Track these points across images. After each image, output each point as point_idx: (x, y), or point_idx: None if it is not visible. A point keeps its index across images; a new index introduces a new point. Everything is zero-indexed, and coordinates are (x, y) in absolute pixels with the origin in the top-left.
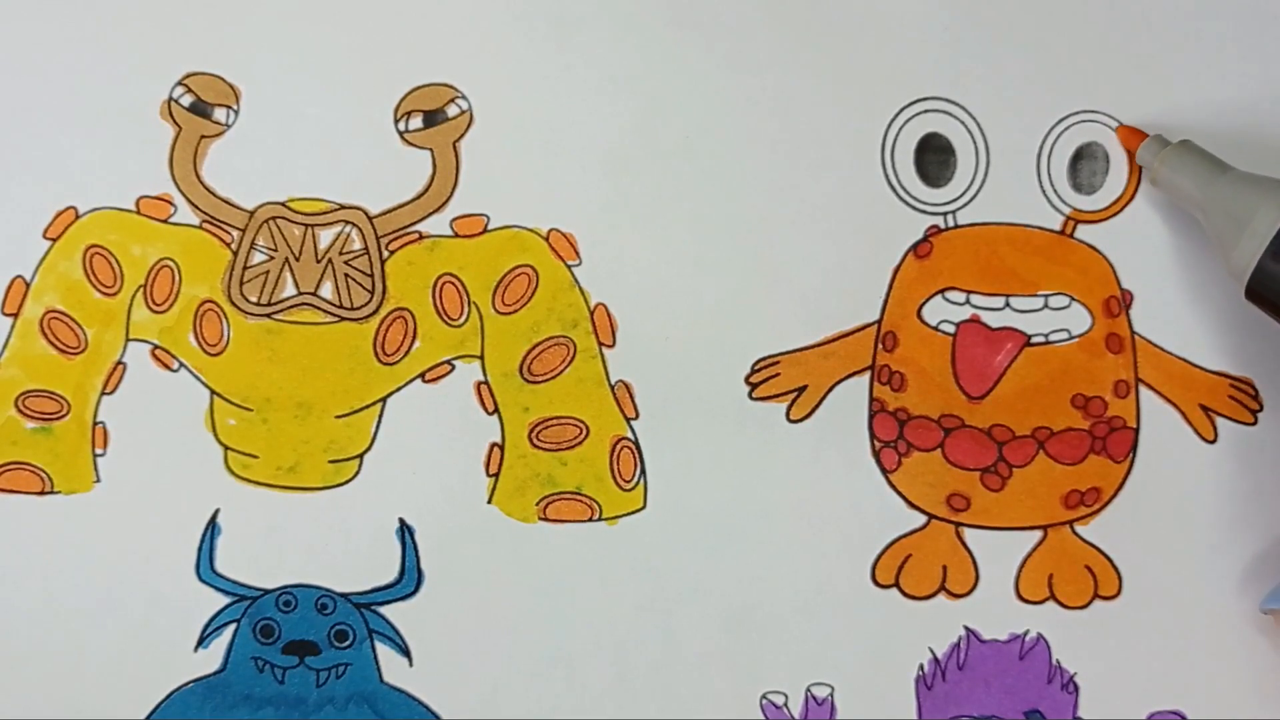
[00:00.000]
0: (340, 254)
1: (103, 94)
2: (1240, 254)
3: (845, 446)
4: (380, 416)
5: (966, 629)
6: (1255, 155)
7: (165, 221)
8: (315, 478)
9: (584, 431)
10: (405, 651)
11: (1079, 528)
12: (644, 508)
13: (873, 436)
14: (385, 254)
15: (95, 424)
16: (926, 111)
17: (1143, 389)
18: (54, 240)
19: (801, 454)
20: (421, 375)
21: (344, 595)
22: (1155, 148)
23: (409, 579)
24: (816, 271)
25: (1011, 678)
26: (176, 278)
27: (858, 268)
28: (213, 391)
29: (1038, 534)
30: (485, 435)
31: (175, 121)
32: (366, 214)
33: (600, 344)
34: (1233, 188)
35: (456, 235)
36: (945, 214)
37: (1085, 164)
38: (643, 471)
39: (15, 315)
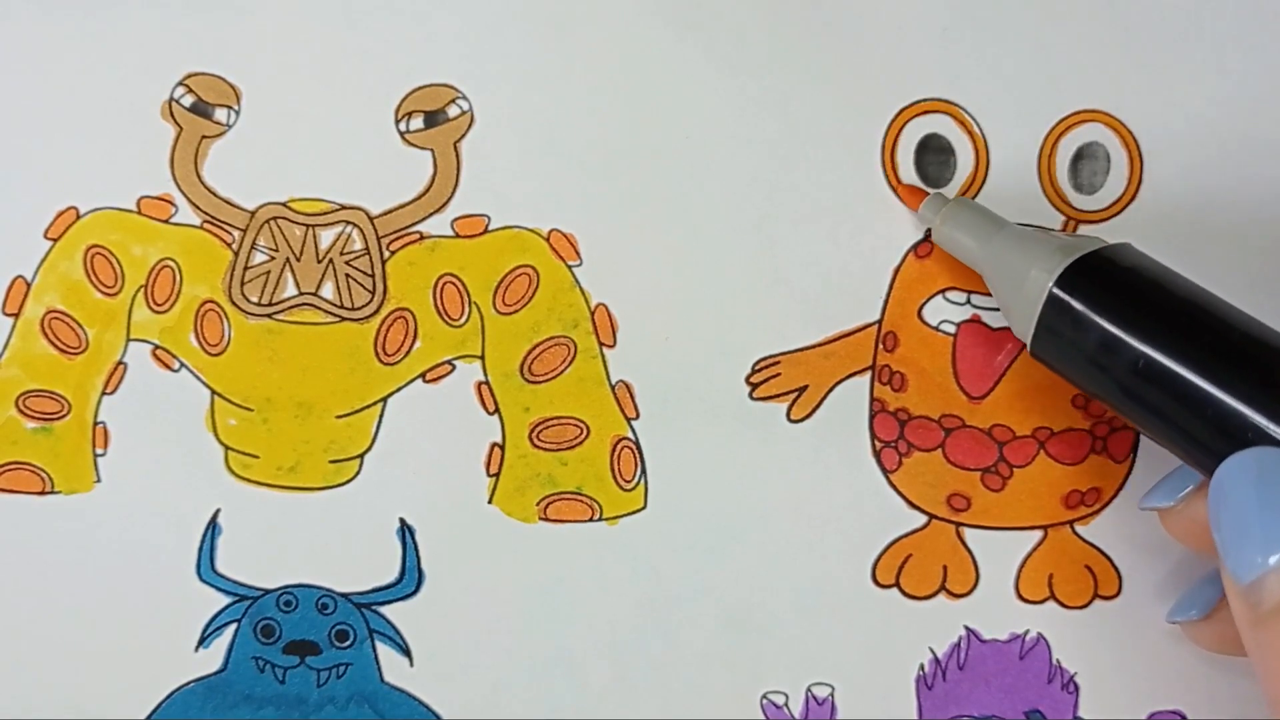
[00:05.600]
0: (341, 254)
1: (103, 94)
2: (1016, 319)
3: (846, 446)
4: (381, 416)
5: (967, 629)
6: (1255, 155)
7: (166, 222)
8: (316, 478)
9: (584, 431)
10: (406, 651)
11: (1079, 527)
12: (644, 508)
13: (873, 436)
14: (386, 254)
15: (96, 424)
16: (926, 112)
17: None
18: (55, 240)
19: (802, 454)
20: (422, 375)
21: (344, 595)
22: (936, 205)
23: (409, 579)
24: (817, 271)
25: (1012, 677)
26: (177, 278)
27: (858, 268)
28: (213, 391)
29: (1038, 534)
30: (486, 435)
31: (176, 122)
32: (367, 214)
33: (601, 344)
34: (1005, 247)
35: (457, 235)
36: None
37: (1086, 164)
38: (643, 471)
39: (16, 315)
